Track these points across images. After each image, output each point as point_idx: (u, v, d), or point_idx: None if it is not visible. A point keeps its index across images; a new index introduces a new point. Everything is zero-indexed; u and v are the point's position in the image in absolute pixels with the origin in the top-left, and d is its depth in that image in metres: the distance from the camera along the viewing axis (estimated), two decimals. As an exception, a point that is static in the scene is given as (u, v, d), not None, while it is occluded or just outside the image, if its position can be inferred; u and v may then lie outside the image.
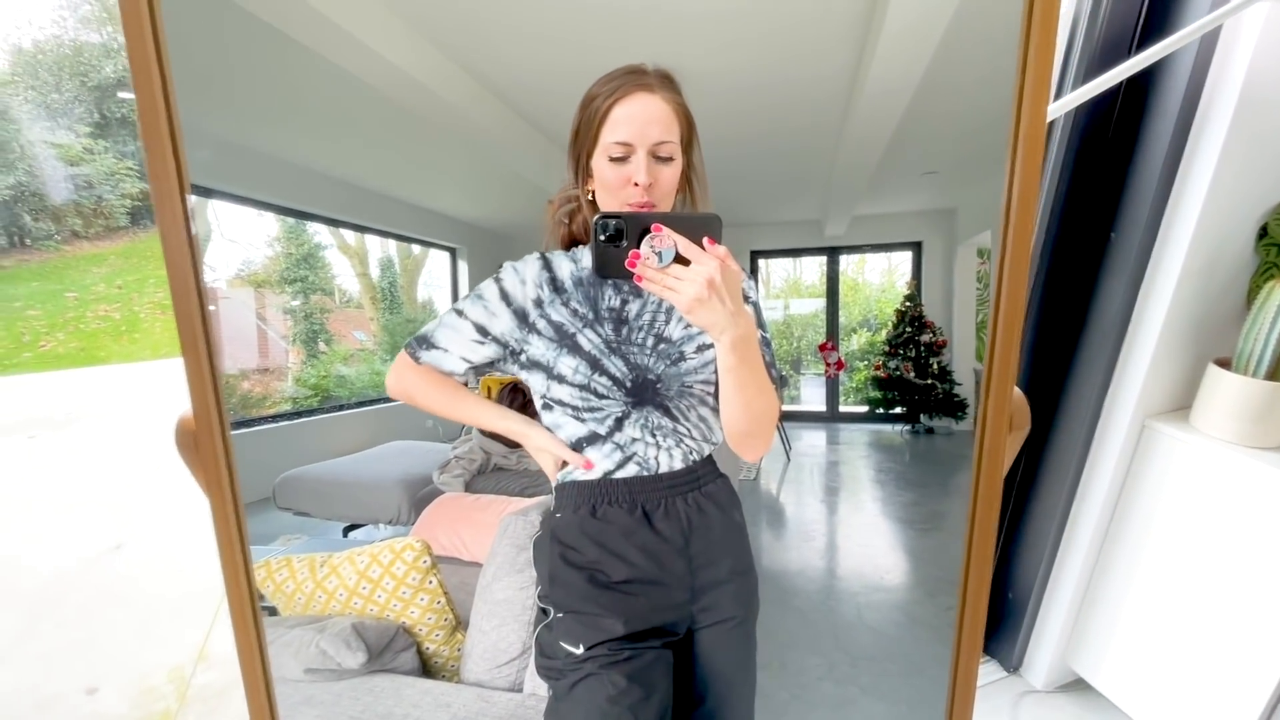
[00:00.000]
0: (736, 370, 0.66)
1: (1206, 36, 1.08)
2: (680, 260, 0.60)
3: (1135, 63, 1.03)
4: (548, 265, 0.79)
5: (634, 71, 0.73)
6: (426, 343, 0.79)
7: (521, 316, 0.77)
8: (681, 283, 0.59)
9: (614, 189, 0.72)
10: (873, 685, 1.67)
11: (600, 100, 0.72)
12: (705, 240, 0.60)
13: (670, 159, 0.73)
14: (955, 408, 5.03)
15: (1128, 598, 1.39)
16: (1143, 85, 1.19)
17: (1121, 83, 1.16)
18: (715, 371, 0.76)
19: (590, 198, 0.78)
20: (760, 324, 0.80)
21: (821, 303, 6.17)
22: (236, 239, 4.03)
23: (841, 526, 3.10)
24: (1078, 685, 1.56)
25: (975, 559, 0.46)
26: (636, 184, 0.71)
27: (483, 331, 0.77)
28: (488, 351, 0.77)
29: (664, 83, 0.74)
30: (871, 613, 2.09)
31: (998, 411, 0.43)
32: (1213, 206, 1.14)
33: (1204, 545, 1.24)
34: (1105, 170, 1.26)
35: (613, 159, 0.72)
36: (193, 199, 0.49)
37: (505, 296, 0.77)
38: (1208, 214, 1.14)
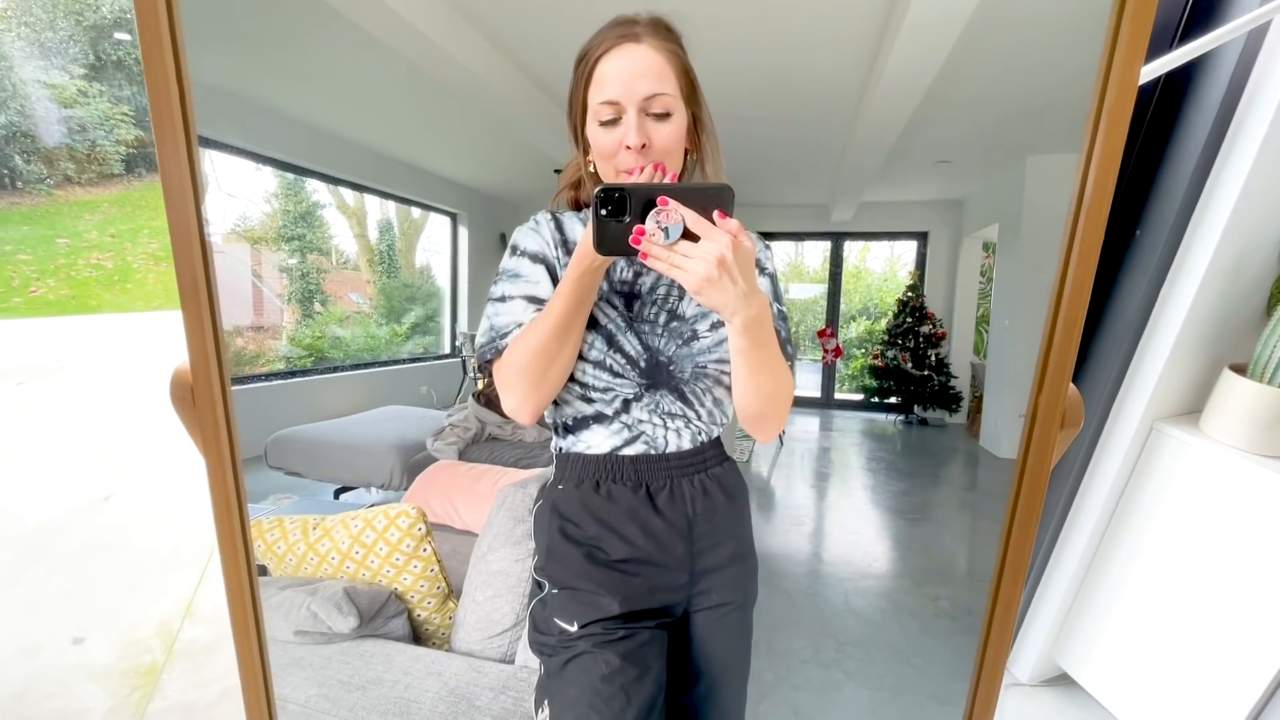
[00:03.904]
0: (748, 353, 0.63)
1: (1253, 32, 1.04)
2: (689, 236, 0.54)
3: (1178, 55, 0.99)
4: (559, 226, 0.75)
5: (621, 23, 0.66)
6: (497, 334, 0.71)
7: (551, 271, 0.73)
8: (690, 261, 0.54)
9: (608, 156, 0.67)
10: (858, 670, 1.68)
11: (586, 59, 0.67)
12: (715, 214, 0.54)
13: (666, 114, 0.66)
14: (950, 400, 5.04)
15: (1120, 598, 1.39)
16: (1182, 80, 1.15)
17: (1160, 77, 1.13)
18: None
19: (593, 170, 0.72)
20: (776, 296, 0.76)
21: (823, 288, 6.13)
22: (234, 193, 3.96)
23: (831, 513, 3.12)
24: (1062, 680, 1.58)
25: (1011, 556, 0.44)
26: (629, 147, 0.65)
27: (534, 300, 0.71)
28: None
29: (655, 30, 0.67)
30: (858, 599, 2.10)
31: (1050, 407, 0.41)
32: (1243, 209, 1.12)
33: (1203, 550, 1.24)
34: (1135, 166, 1.23)
35: (603, 123, 0.66)
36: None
37: (532, 256, 0.73)
38: (1237, 217, 1.12)
